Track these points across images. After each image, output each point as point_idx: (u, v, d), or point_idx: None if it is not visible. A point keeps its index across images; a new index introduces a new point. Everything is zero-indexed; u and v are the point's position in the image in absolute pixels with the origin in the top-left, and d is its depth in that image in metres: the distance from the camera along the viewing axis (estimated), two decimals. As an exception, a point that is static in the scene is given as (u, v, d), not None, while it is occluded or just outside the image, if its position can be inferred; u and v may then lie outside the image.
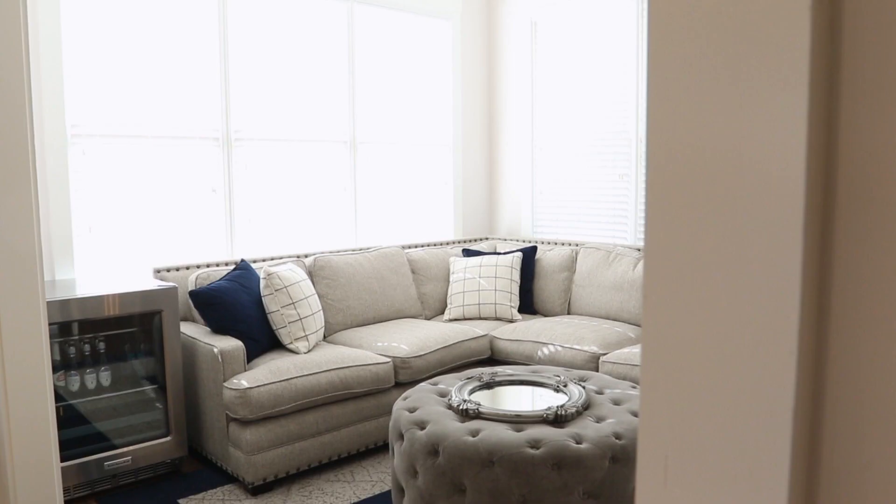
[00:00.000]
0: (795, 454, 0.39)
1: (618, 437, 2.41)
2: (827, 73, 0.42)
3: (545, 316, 4.40)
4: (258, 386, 3.01)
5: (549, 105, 4.99)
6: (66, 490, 2.87)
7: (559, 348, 3.69)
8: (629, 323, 4.00)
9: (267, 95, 4.09)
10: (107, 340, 3.09)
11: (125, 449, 3.05)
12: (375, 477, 3.22)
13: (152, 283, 3.21)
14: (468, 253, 4.66)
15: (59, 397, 2.88)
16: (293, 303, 3.41)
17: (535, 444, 2.36)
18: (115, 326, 3.09)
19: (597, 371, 3.53)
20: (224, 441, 3.11)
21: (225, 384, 3.04)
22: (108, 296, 2.97)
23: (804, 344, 0.40)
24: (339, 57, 4.42)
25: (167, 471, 3.21)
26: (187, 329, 3.36)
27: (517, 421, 2.53)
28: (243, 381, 3.02)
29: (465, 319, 4.28)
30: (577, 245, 4.64)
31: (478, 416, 2.58)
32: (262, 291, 3.38)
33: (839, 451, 0.40)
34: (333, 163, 4.45)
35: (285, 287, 3.40)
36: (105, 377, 3.08)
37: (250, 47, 4.00)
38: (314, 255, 4.09)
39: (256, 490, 3.05)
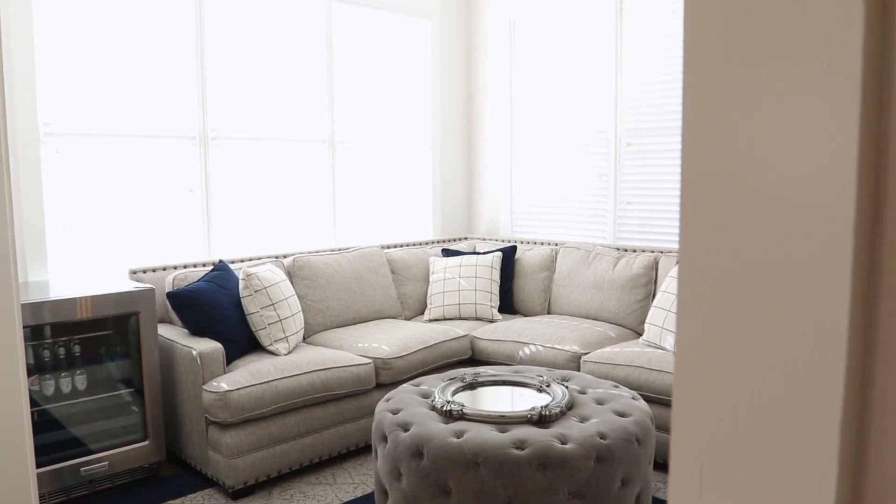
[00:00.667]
0: (843, 464, 0.38)
1: (602, 437, 2.41)
2: (878, 79, 0.41)
3: (525, 316, 4.41)
4: (238, 388, 2.97)
5: (527, 105, 5.00)
6: (41, 497, 2.81)
7: (540, 348, 3.69)
8: (609, 322, 4.02)
9: (245, 94, 4.04)
10: (82, 343, 3.03)
11: (102, 454, 2.99)
12: (357, 479, 3.20)
13: (128, 285, 3.15)
14: (448, 253, 4.64)
15: (33, 402, 2.82)
16: (273, 304, 3.37)
17: (520, 444, 2.36)
18: (90, 329, 3.03)
19: (578, 371, 3.54)
20: (203, 445, 3.06)
21: (204, 387, 2.99)
22: (83, 298, 2.91)
23: (853, 350, 0.39)
24: (317, 55, 4.38)
25: (145, 476, 3.15)
26: (165, 331, 3.30)
27: (501, 422, 2.52)
28: (223, 383, 2.97)
29: (446, 320, 4.26)
30: (556, 245, 4.65)
31: (462, 417, 2.57)
32: (242, 292, 3.34)
33: (886, 460, 0.39)
34: (312, 162, 4.41)
35: (265, 288, 3.36)
36: (81, 381, 3.02)
37: (227, 44, 3.94)
38: (293, 255, 4.05)
39: (237, 494, 3.01)
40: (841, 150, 0.40)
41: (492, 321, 4.24)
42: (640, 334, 3.92)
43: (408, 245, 4.79)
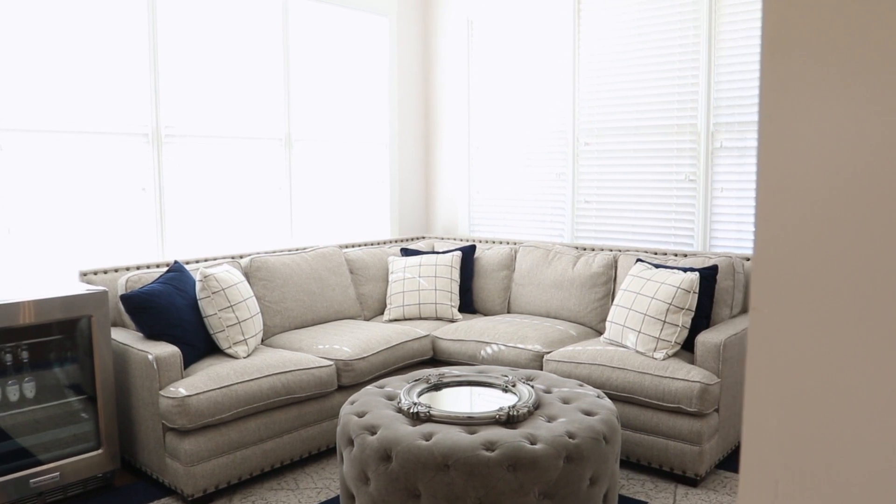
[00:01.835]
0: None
1: (571, 436, 2.42)
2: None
3: (485, 315, 4.40)
4: (197, 393, 2.88)
5: (486, 104, 5.00)
6: (-13, 511, 2.68)
7: (502, 347, 3.69)
8: (569, 321, 4.04)
9: (200, 90, 3.93)
10: (30, 349, 2.90)
11: (52, 464, 2.87)
12: (320, 484, 3.14)
13: (79, 287, 3.03)
14: (407, 252, 4.61)
15: (-22, 411, 2.68)
16: (231, 306, 3.28)
17: (489, 446, 2.34)
18: (39, 334, 2.90)
19: (541, 370, 3.55)
20: (160, 452, 2.96)
21: (161, 392, 2.90)
22: (31, 301, 2.79)
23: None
24: (274, 51, 4.30)
25: (98, 485, 3.04)
26: (118, 335, 3.19)
27: (469, 423, 2.50)
28: (181, 388, 2.88)
29: (406, 320, 4.23)
30: (515, 244, 4.66)
31: (429, 419, 2.54)
32: (199, 294, 3.24)
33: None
34: (269, 160, 4.32)
35: (223, 289, 3.27)
36: (29, 388, 2.89)
37: (182, 39, 3.83)
38: (250, 255, 3.96)
39: (196, 502, 2.92)
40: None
41: (452, 321, 4.22)
42: (600, 333, 3.96)
43: (366, 244, 4.74)
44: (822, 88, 0.45)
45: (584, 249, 4.27)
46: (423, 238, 5.22)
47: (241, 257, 3.97)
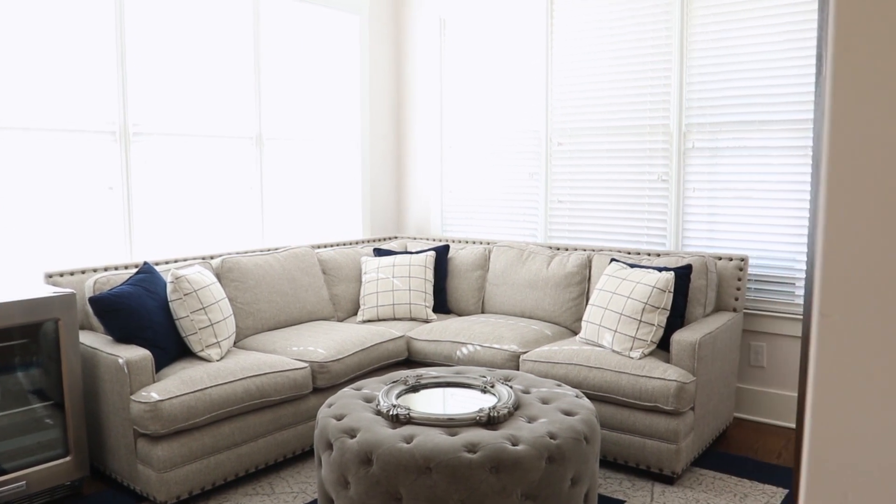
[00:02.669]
0: None
1: (552, 436, 2.41)
2: None
3: (459, 315, 4.39)
4: (170, 398, 2.81)
5: (458, 103, 4.98)
6: (-51, 522, 2.58)
7: (478, 348, 3.67)
8: (544, 321, 4.05)
9: (169, 87, 3.85)
10: (-6, 354, 2.80)
11: (18, 473, 2.77)
12: (296, 488, 3.09)
13: (46, 290, 2.93)
14: (380, 252, 4.57)
15: (-61, 419, 2.59)
16: (204, 307, 3.21)
17: (471, 448, 2.33)
18: (3, 338, 2.80)
19: (517, 370, 3.55)
20: (131, 459, 2.89)
21: (132, 397, 2.82)
22: (-4, 305, 2.69)
23: None
24: (244, 48, 4.22)
25: (66, 494, 2.95)
26: (86, 339, 3.10)
27: (450, 425, 2.48)
28: (153, 393, 2.81)
29: (380, 320, 4.19)
30: (489, 243, 4.65)
31: (409, 421, 2.52)
32: (170, 296, 3.17)
33: None
34: (239, 159, 4.25)
35: (195, 291, 3.20)
36: (-8, 394, 2.79)
37: (150, 34, 3.74)
38: (221, 256, 3.89)
39: (168, 509, 2.86)
40: None
41: (427, 321, 4.20)
42: (575, 332, 3.97)
43: (338, 245, 4.69)
44: (894, 90, 0.43)
45: (558, 249, 4.28)
46: (396, 238, 5.18)
47: (213, 258, 3.90)
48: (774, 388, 3.88)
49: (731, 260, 3.71)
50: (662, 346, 3.41)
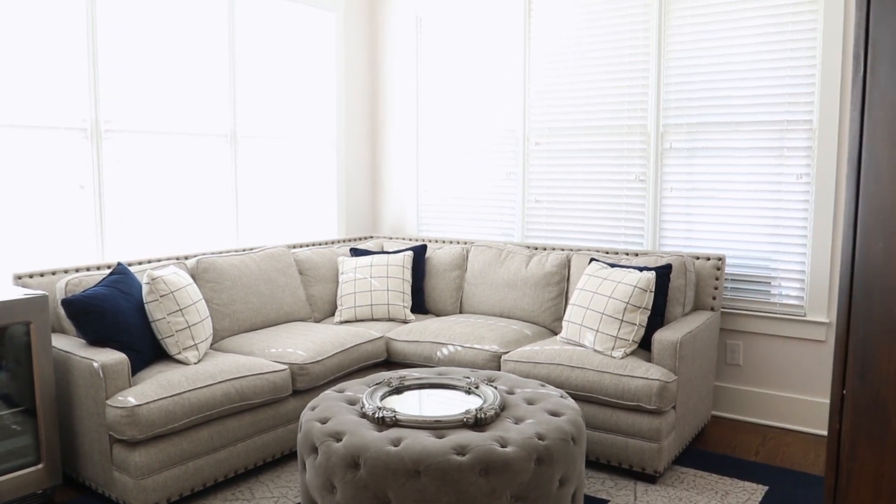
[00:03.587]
0: None
1: (541, 437, 2.40)
2: None
3: (437, 315, 4.36)
4: (148, 402, 2.74)
5: (434, 102, 4.95)
6: (-85, 534, 2.48)
7: (459, 348, 3.65)
8: (524, 321, 4.04)
9: (142, 83, 3.75)
10: (-38, 359, 2.70)
11: (-12, 481, 2.68)
12: (276, 493, 3.04)
13: (16, 292, 2.84)
14: (356, 252, 4.52)
15: None
16: (181, 309, 3.14)
17: (460, 450, 2.30)
18: (-29, 342, 2.71)
19: (499, 370, 3.53)
20: (107, 465, 2.81)
21: (108, 402, 2.74)
22: (-36, 308, 2.59)
23: None
24: (219, 45, 4.14)
25: (38, 503, 2.85)
26: (58, 342, 3.00)
27: (437, 427, 2.46)
28: (130, 397, 2.73)
29: (358, 321, 4.15)
30: (467, 243, 4.63)
31: (395, 423, 2.48)
32: (146, 297, 3.09)
33: None
34: (214, 157, 4.16)
35: (171, 292, 3.12)
36: (-40, 401, 2.69)
37: (123, 29, 3.64)
38: (196, 256, 3.81)
39: (146, 516, 2.78)
40: None
41: (405, 322, 4.16)
42: (554, 332, 3.97)
43: (314, 244, 4.63)
44: None
45: (537, 249, 4.28)
46: (371, 238, 5.14)
47: (187, 258, 3.81)
48: (750, 386, 3.93)
49: (708, 259, 3.74)
50: (643, 346, 3.43)
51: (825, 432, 3.72)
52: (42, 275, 3.21)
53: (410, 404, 2.71)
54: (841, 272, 1.92)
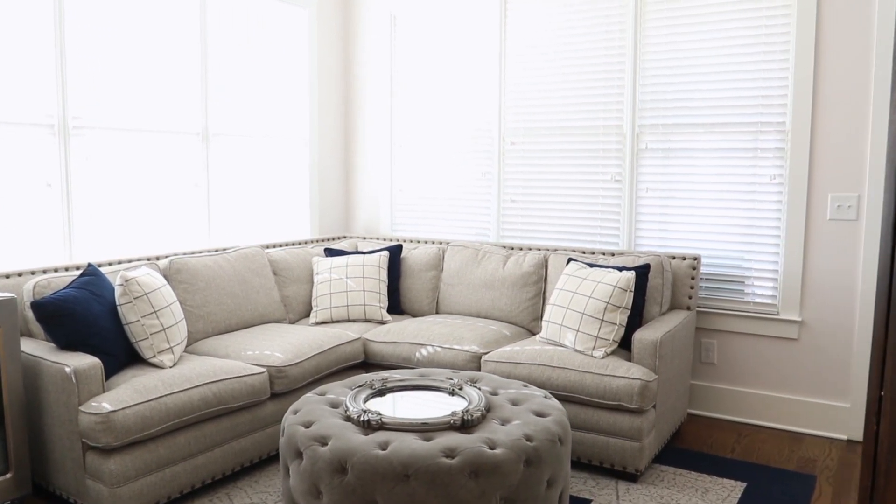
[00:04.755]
0: None
1: (529, 439, 2.39)
2: None
3: (414, 316, 4.33)
4: (123, 408, 2.65)
5: (409, 101, 4.91)
6: None
7: (438, 349, 3.63)
8: (501, 321, 4.03)
9: (111, 79, 3.64)
10: (-75, 365, 2.58)
11: (-46, 492, 2.57)
12: (256, 498, 2.98)
13: (-18, 295, 2.72)
14: (331, 252, 4.46)
15: None
16: (155, 311, 3.05)
17: (449, 453, 2.28)
18: (-65, 347, 2.59)
19: (479, 371, 3.51)
20: (79, 474, 2.71)
21: (81, 408, 2.65)
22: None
23: None
24: (191, 41, 4.04)
25: (7, 513, 2.75)
26: (27, 346, 2.89)
27: (424, 429, 2.43)
28: (105, 403, 2.65)
29: (334, 322, 4.09)
30: (443, 243, 4.61)
31: (381, 426, 2.45)
32: (119, 300, 3.00)
33: None
34: (185, 155, 4.07)
35: (145, 294, 3.04)
36: (-76, 409, 2.57)
37: (92, 22, 3.53)
38: (168, 256, 3.71)
39: (121, 525, 2.70)
40: None
41: (382, 322, 4.12)
42: (532, 332, 3.97)
43: (287, 244, 4.56)
44: None
45: (513, 249, 4.27)
46: (345, 238, 5.08)
47: (158, 258, 3.72)
48: (725, 384, 3.97)
49: (684, 259, 3.77)
50: (622, 345, 3.44)
51: (799, 429, 3.79)
52: (8, 276, 3.09)
53: (394, 406, 2.67)
54: (878, 277, 1.91)
